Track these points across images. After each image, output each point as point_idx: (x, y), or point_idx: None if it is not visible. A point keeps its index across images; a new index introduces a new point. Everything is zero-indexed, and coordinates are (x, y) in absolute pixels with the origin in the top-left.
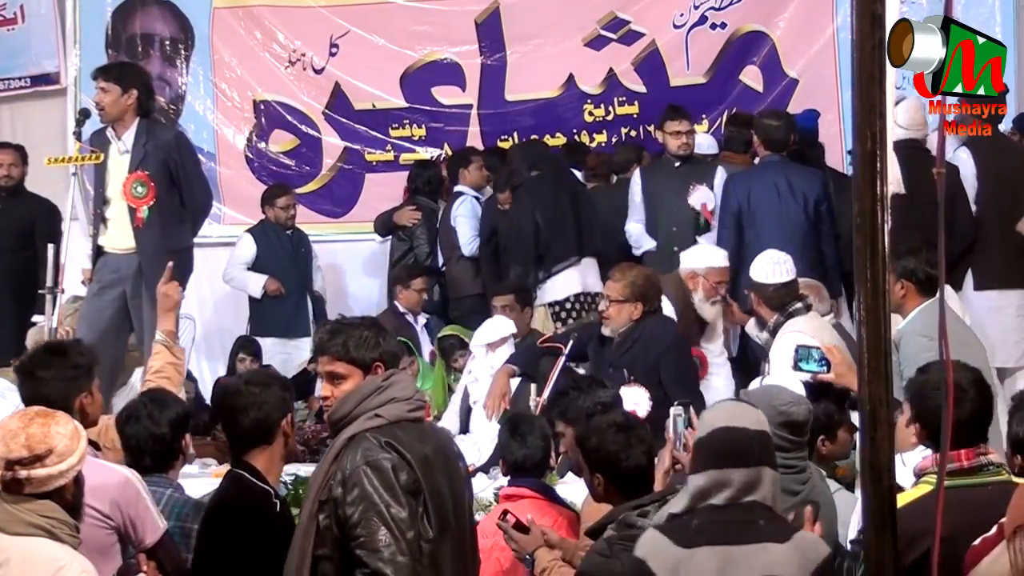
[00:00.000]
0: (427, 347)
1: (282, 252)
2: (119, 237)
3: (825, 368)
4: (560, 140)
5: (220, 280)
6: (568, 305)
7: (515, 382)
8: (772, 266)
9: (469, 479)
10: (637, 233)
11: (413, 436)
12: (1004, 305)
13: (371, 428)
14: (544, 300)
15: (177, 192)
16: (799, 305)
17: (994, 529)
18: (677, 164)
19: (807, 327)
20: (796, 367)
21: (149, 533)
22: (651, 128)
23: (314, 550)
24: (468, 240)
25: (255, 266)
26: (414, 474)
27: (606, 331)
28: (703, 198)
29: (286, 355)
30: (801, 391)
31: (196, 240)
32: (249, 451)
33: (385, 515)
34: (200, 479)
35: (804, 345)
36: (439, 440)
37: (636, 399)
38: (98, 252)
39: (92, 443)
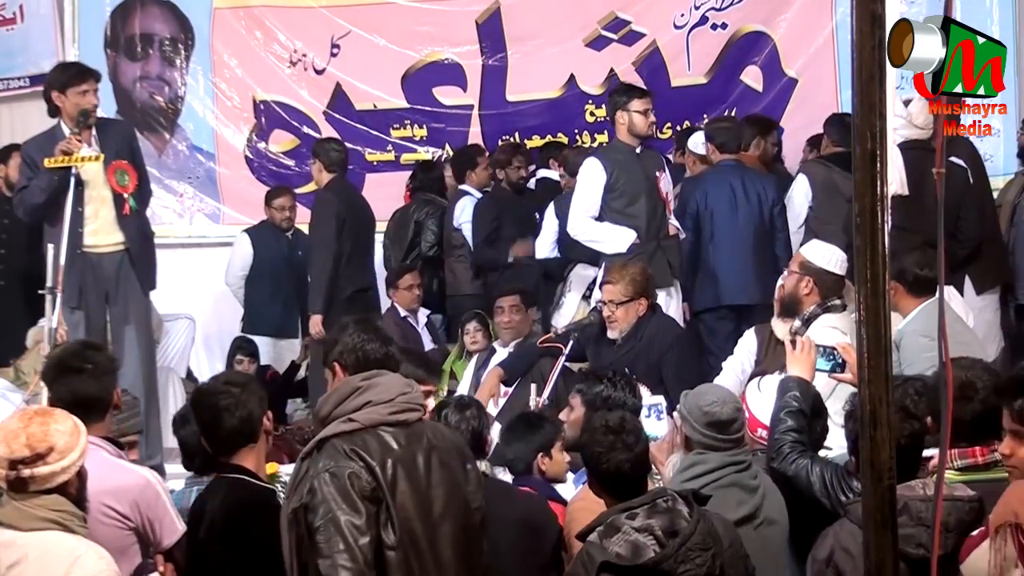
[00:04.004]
0: (428, 346)
1: (277, 254)
2: (103, 235)
3: (840, 368)
4: (562, 140)
5: (219, 280)
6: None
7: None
8: (831, 254)
9: (470, 482)
10: None
11: (390, 441)
12: (985, 305)
13: (340, 433)
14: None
15: None
16: (837, 302)
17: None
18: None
19: (841, 323)
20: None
21: (167, 534)
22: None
23: (300, 558)
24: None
25: (251, 267)
26: (375, 481)
27: (613, 335)
28: (667, 186)
29: (276, 354)
30: (819, 385)
31: (196, 240)
32: (236, 452)
33: (339, 521)
34: None
35: (821, 346)
36: (432, 444)
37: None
38: (73, 257)
39: (116, 443)
